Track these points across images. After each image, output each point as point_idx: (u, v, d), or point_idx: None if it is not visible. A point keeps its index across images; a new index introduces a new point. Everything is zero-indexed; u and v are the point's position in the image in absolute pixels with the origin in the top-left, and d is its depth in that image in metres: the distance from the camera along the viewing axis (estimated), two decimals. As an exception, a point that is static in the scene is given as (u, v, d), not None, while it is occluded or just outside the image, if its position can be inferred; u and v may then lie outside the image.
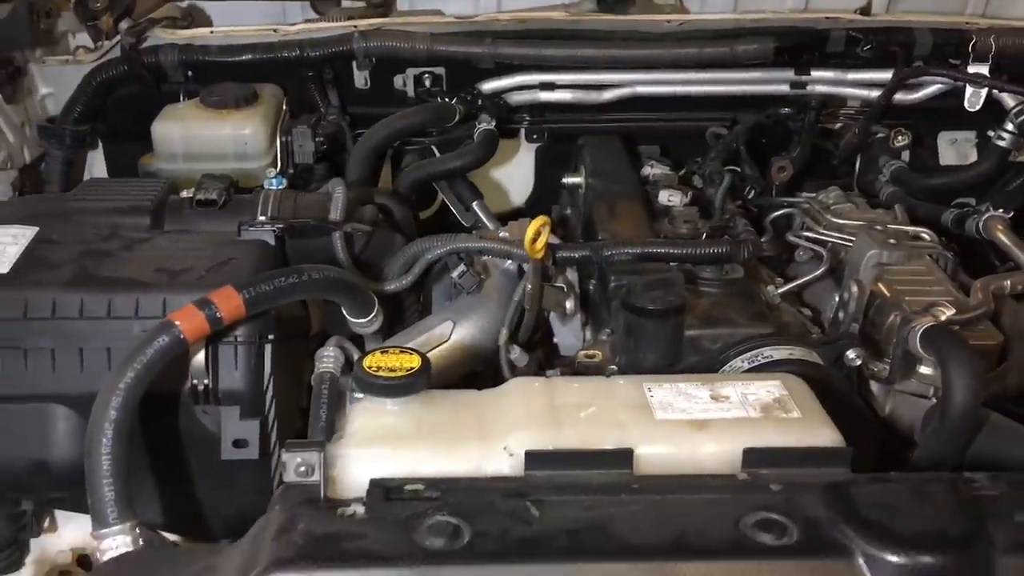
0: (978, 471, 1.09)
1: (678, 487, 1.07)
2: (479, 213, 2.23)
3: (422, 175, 2.22)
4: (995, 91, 2.27)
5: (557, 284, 1.75)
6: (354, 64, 2.32)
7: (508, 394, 1.26)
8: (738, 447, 1.12)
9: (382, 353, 1.23)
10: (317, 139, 2.21)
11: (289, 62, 2.28)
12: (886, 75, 2.30)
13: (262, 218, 1.71)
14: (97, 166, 2.40)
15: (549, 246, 1.61)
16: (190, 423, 1.45)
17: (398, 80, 2.36)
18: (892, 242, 1.77)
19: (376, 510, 1.01)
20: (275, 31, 2.34)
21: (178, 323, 1.29)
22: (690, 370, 1.51)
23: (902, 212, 2.07)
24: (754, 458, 1.12)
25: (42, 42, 2.33)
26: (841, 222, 2.00)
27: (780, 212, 2.16)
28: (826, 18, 2.33)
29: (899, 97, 2.31)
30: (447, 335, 1.73)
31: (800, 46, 2.31)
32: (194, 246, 1.61)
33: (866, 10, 2.43)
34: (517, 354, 1.72)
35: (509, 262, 1.79)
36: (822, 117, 2.33)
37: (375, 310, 1.59)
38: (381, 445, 1.14)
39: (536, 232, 1.54)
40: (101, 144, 2.38)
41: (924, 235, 1.91)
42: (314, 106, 2.33)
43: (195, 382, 1.41)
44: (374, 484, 1.05)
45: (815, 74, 2.34)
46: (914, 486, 1.04)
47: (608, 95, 2.35)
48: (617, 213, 1.97)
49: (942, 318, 1.52)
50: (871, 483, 1.05)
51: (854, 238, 1.84)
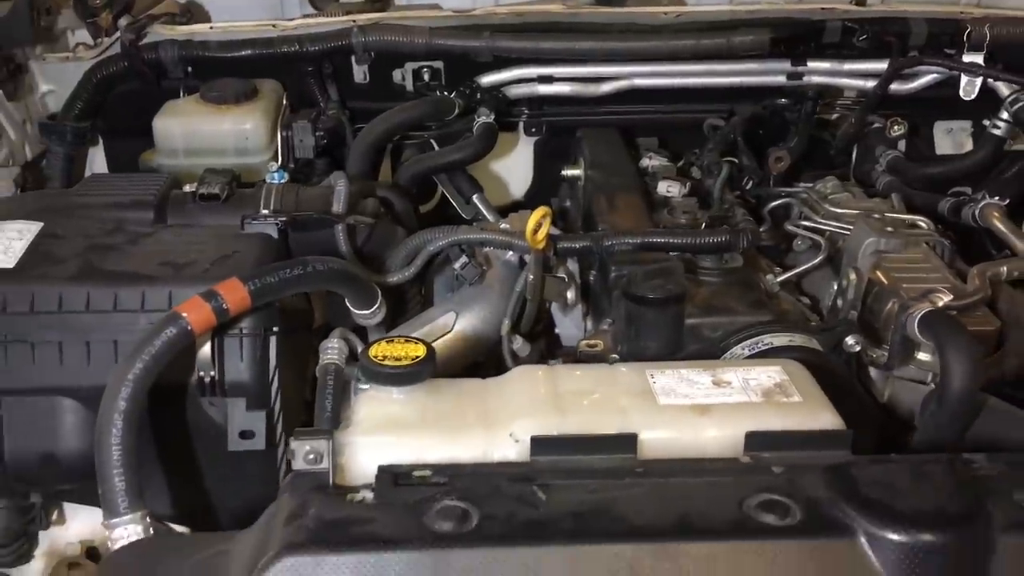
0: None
1: (681, 470, 1.08)
2: (479, 206, 2.24)
3: (422, 169, 2.22)
4: (990, 80, 2.27)
5: (558, 275, 1.75)
6: (353, 59, 2.32)
7: (512, 382, 1.27)
8: (740, 431, 1.14)
9: (387, 342, 1.25)
10: (317, 134, 2.22)
11: (288, 57, 2.29)
12: (882, 65, 2.30)
13: (265, 212, 1.71)
14: (98, 162, 2.40)
15: (550, 237, 1.62)
16: (197, 415, 1.46)
17: (397, 74, 2.36)
18: (889, 230, 1.78)
19: (385, 495, 1.02)
20: (274, 26, 2.34)
21: (185, 315, 1.29)
22: (691, 358, 1.51)
23: (899, 201, 2.07)
24: (756, 441, 1.13)
25: (42, 39, 2.34)
26: (839, 211, 2.00)
27: (778, 202, 2.16)
28: (822, 9, 2.34)
29: (895, 87, 2.31)
30: (450, 326, 1.74)
31: (796, 37, 2.31)
32: (198, 240, 1.61)
33: (861, 0, 2.43)
34: (519, 344, 1.73)
35: (510, 253, 1.80)
36: (819, 108, 2.35)
37: (378, 302, 1.60)
38: (388, 433, 1.15)
39: (537, 223, 1.55)
40: (102, 140, 2.39)
41: (921, 223, 1.91)
42: (314, 101, 2.34)
43: (201, 374, 1.42)
44: (382, 470, 1.06)
45: (811, 65, 2.34)
46: (914, 466, 1.05)
47: (606, 87, 2.35)
48: (616, 205, 1.98)
49: (940, 304, 1.53)
50: (871, 464, 1.07)
51: (852, 226, 1.85)
